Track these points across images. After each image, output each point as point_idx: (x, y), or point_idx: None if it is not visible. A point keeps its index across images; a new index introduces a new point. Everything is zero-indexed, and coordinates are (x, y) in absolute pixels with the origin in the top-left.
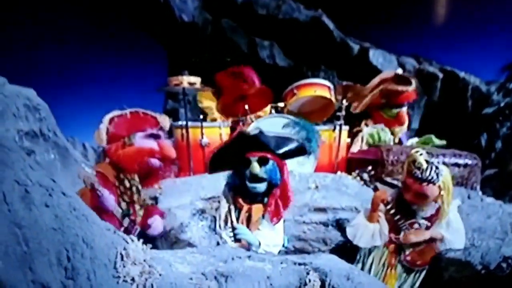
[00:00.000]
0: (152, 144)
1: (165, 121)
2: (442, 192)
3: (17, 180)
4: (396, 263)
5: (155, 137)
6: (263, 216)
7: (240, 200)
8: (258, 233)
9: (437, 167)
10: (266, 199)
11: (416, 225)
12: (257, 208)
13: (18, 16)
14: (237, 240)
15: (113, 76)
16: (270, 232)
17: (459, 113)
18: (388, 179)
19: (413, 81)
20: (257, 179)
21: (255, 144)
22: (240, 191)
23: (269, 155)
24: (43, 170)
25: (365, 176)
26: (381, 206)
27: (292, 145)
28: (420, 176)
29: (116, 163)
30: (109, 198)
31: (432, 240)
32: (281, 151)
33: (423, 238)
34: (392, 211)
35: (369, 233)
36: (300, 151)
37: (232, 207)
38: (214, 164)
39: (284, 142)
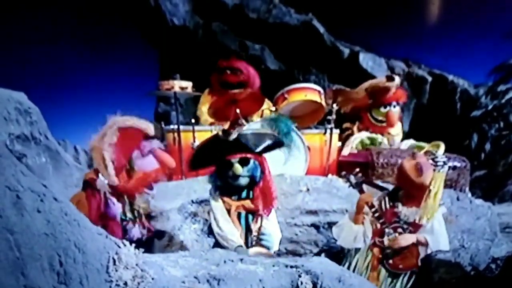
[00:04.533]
0: (151, 162)
1: (151, 130)
2: (431, 187)
3: (8, 186)
4: (379, 267)
5: (151, 151)
6: (252, 214)
7: (228, 200)
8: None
9: (445, 163)
10: (251, 194)
11: (399, 229)
12: (247, 204)
13: (8, 19)
14: (260, 244)
15: (104, 78)
16: (269, 226)
17: (448, 115)
18: (378, 182)
19: (396, 78)
20: (239, 177)
21: (237, 146)
22: (225, 191)
23: (249, 155)
24: (34, 176)
25: (352, 178)
26: (367, 209)
27: (269, 141)
28: (432, 153)
29: (126, 193)
30: (118, 206)
31: (415, 244)
32: (259, 149)
33: (411, 242)
34: (377, 214)
35: (352, 234)
36: (278, 144)
37: (222, 206)
38: (195, 163)
39: (262, 139)
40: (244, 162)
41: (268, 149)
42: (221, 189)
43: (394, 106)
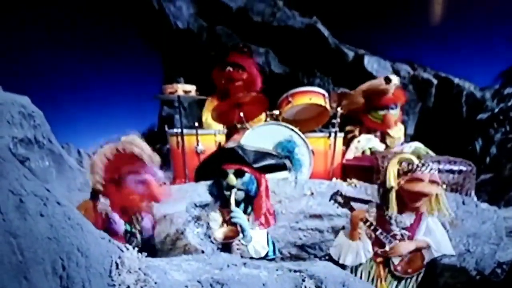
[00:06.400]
0: (141, 188)
1: (155, 159)
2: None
3: (12, 190)
4: (386, 275)
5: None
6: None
7: (226, 213)
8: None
9: (428, 163)
10: (249, 209)
11: (398, 236)
12: None
13: (11, 21)
14: (231, 223)
15: (108, 82)
16: (256, 232)
17: (454, 119)
18: (352, 196)
19: (394, 79)
20: (233, 188)
21: (233, 157)
22: (224, 204)
23: (246, 168)
24: (37, 180)
25: (339, 198)
26: (361, 224)
27: (271, 161)
28: (425, 167)
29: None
30: (120, 223)
31: (418, 248)
32: (258, 165)
33: (411, 249)
34: (372, 227)
35: (353, 251)
36: (280, 167)
37: (221, 218)
38: (199, 175)
39: (263, 157)
40: (239, 174)
41: (270, 169)
42: (220, 201)
43: (392, 108)
